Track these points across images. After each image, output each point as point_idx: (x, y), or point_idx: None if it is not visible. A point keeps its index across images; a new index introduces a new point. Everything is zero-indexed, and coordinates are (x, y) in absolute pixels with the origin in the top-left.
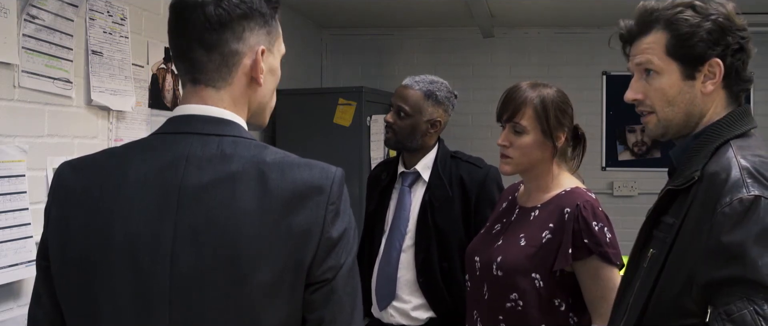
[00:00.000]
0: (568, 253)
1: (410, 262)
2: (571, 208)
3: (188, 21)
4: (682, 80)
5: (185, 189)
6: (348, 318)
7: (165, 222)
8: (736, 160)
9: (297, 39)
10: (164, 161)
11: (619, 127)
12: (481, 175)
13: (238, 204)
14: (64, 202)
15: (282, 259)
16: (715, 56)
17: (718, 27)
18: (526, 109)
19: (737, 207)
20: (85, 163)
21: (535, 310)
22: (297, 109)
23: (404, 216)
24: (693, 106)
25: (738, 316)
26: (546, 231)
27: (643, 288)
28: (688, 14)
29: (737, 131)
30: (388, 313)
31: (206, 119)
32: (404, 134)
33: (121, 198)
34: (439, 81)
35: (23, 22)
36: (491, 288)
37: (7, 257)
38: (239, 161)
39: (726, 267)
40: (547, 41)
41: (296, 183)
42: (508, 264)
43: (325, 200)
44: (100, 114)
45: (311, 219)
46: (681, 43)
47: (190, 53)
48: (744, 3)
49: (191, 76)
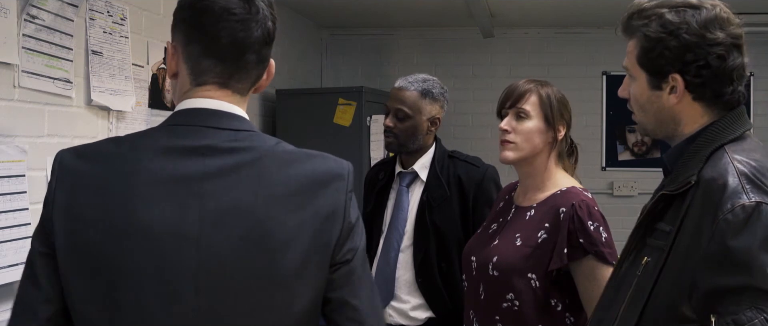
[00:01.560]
0: (563, 253)
1: (409, 262)
2: (566, 208)
3: (247, 32)
4: (649, 89)
5: (208, 176)
6: (369, 293)
7: (188, 209)
8: (732, 165)
9: (297, 39)
10: (182, 150)
11: (619, 127)
12: (478, 175)
13: (263, 190)
14: (73, 189)
15: (309, 241)
16: (674, 72)
17: (681, 43)
18: (531, 96)
19: (740, 213)
20: (90, 150)
21: (532, 310)
22: (297, 109)
23: (402, 217)
24: (662, 115)
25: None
26: (542, 231)
27: (639, 296)
28: (653, 28)
29: (731, 135)
30: (387, 313)
31: (219, 113)
32: (406, 136)
33: (138, 185)
34: (430, 78)
35: (23, 22)
36: (487, 288)
37: (7, 257)
38: (259, 150)
39: (731, 275)
40: (547, 41)
41: (317, 170)
42: (504, 264)
43: (345, 186)
44: (100, 114)
45: (335, 202)
46: (645, 54)
47: (238, 62)
48: (744, 3)
49: (222, 80)
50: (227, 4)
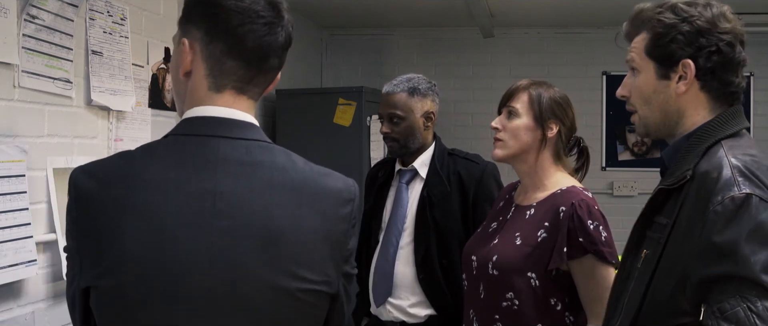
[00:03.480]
0: (563, 252)
1: (409, 259)
2: (566, 207)
3: (273, 37)
4: (656, 79)
5: (220, 196)
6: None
7: (200, 229)
8: (727, 159)
9: (297, 39)
10: (194, 166)
11: (619, 127)
12: (478, 171)
13: (277, 212)
14: (87, 212)
15: (319, 260)
16: (686, 57)
17: (694, 29)
18: (521, 94)
19: (729, 205)
20: (101, 169)
21: (531, 309)
22: (297, 109)
23: (401, 213)
24: (668, 106)
25: (731, 314)
26: (541, 230)
27: (638, 288)
28: (666, 15)
29: (728, 131)
30: (386, 310)
31: (230, 122)
32: (405, 137)
33: (149, 206)
34: (414, 76)
35: (23, 22)
36: (487, 287)
37: (7, 257)
38: (272, 168)
39: (718, 264)
40: (547, 41)
41: (329, 193)
42: (504, 263)
43: (350, 213)
44: (100, 114)
45: (344, 227)
46: (655, 42)
47: (262, 66)
48: (744, 3)
49: (242, 84)
50: (255, 6)
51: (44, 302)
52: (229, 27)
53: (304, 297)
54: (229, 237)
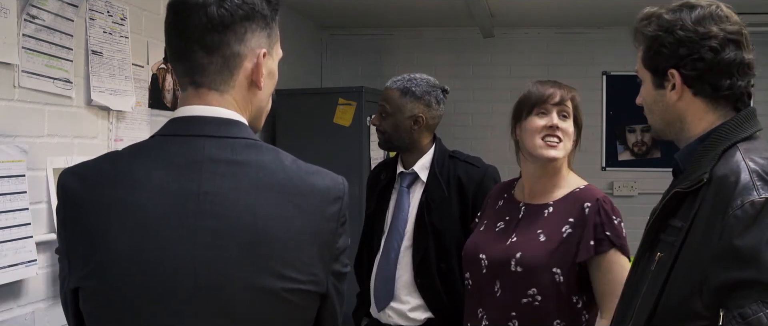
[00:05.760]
0: (590, 245)
1: (408, 263)
2: (591, 203)
3: (188, 21)
4: (654, 89)
5: (205, 196)
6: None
7: (185, 229)
8: (744, 163)
9: (297, 39)
10: (179, 166)
11: (619, 127)
12: (479, 175)
13: (262, 211)
14: (74, 213)
15: (306, 259)
16: (671, 67)
17: (674, 39)
18: (574, 97)
19: (749, 210)
20: (88, 170)
21: (553, 305)
22: (297, 109)
23: (402, 217)
24: (667, 114)
25: (754, 319)
26: (566, 226)
27: (652, 291)
28: (650, 28)
29: (743, 134)
30: (387, 314)
31: (216, 121)
32: (389, 133)
33: (135, 207)
34: (419, 77)
35: (23, 22)
36: (506, 284)
37: (7, 257)
38: (259, 167)
39: (739, 270)
40: (547, 41)
41: (316, 191)
42: (530, 259)
43: (337, 212)
44: (100, 114)
45: (332, 225)
46: (646, 54)
47: (190, 55)
48: (744, 3)
49: (191, 78)
50: (177, 1)
51: (44, 302)
52: (166, 28)
53: (291, 297)
54: (215, 237)
